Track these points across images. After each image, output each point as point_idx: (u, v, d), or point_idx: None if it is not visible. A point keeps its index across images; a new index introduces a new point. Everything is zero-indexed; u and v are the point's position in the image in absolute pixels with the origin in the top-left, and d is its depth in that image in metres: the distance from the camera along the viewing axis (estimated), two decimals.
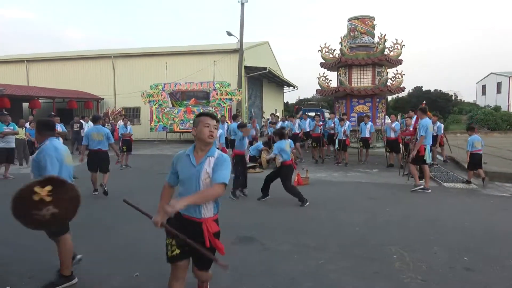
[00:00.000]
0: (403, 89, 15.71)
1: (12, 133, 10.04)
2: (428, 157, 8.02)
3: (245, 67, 21.44)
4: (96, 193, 7.98)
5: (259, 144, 11.54)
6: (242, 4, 20.26)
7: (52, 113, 10.30)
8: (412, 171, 8.30)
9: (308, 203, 6.78)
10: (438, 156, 12.13)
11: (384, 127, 12.85)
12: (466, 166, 9.19)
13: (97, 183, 7.98)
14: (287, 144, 7.13)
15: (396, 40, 15.18)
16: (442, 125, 11.69)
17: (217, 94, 18.99)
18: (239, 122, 9.60)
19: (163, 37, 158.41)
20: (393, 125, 11.16)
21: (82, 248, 4.69)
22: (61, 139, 9.81)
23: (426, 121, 8.00)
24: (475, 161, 8.67)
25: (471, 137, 8.83)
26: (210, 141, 2.77)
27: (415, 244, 4.78)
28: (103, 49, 27.44)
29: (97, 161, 7.84)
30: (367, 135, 11.85)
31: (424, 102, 11.32)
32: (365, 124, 11.90)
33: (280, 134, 7.30)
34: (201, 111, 18.87)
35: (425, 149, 7.91)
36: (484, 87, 47.95)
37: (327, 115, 20.12)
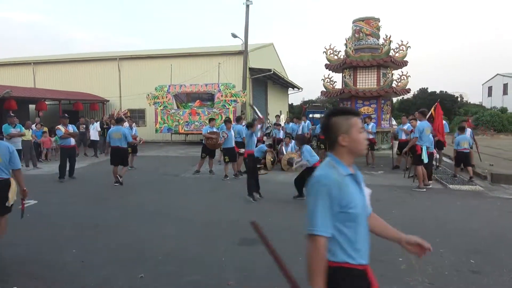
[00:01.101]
0: (408, 91, 15.64)
1: (18, 134, 10.11)
2: (424, 157, 8.16)
3: (250, 68, 21.46)
4: (117, 184, 8.92)
5: (263, 146, 11.53)
6: (247, 6, 20.30)
7: (66, 115, 10.35)
8: (418, 172, 8.34)
9: None
10: (446, 159, 12.05)
11: (396, 129, 12.78)
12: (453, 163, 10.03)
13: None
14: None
15: (402, 41, 15.13)
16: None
17: (222, 95, 19.01)
18: (244, 123, 9.68)
19: (168, 40, 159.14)
20: (405, 127, 11.07)
21: (86, 247, 4.73)
22: (73, 140, 9.98)
23: (423, 123, 8.38)
24: (461, 158, 9.46)
25: (459, 136, 9.50)
26: (365, 153, 2.01)
27: None
28: (109, 52, 27.60)
29: (117, 156, 9.04)
30: (370, 136, 11.72)
31: (438, 100, 11.09)
32: (367, 125, 11.80)
33: (303, 139, 7.63)
34: (206, 112, 18.28)
35: (421, 148, 8.24)
36: (490, 88, 47.64)
37: None
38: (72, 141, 9.89)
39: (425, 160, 8.28)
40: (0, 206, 4.40)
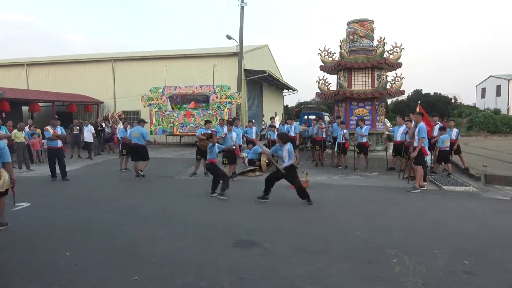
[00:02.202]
0: (402, 92, 15.69)
1: (4, 136, 10.02)
2: (428, 158, 8.30)
3: (245, 70, 21.46)
4: (138, 177, 10.07)
5: (257, 147, 11.52)
6: (242, 8, 20.32)
7: (56, 116, 10.42)
8: (419, 172, 8.40)
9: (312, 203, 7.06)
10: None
11: (391, 129, 12.77)
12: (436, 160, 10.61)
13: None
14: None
15: (396, 43, 15.19)
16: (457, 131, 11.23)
17: (216, 97, 18.98)
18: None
19: (163, 41, 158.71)
20: (401, 128, 11.09)
21: (80, 250, 4.69)
22: (60, 142, 10.02)
23: (423, 125, 8.51)
24: (443, 156, 10.19)
25: (442, 136, 10.20)
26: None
27: (415, 247, 4.76)
28: (103, 53, 27.47)
29: (136, 152, 10.43)
30: (364, 140, 11.46)
31: (419, 102, 11.27)
32: (360, 128, 11.56)
33: (285, 136, 7.61)
34: (201, 114, 18.53)
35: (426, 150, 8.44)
36: (483, 90, 48.07)
37: (326, 118, 20.10)
38: (59, 143, 10.03)
39: (428, 162, 8.42)
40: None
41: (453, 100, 49.03)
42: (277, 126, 14.93)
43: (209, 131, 10.69)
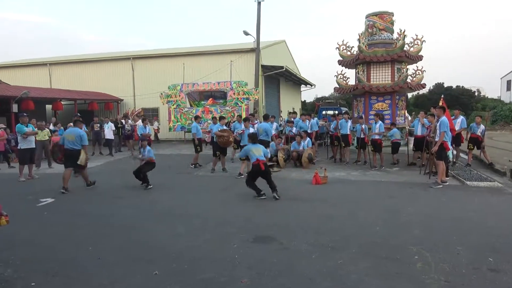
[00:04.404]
0: (423, 86, 15.35)
1: (32, 133, 10.30)
2: (450, 153, 8.08)
3: (262, 66, 21.41)
4: (192, 167, 11.34)
5: (273, 144, 11.48)
6: (259, 3, 20.22)
7: (78, 114, 10.71)
8: (440, 167, 8.22)
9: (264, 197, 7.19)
10: (463, 155, 11.81)
11: (411, 124, 12.48)
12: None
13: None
14: (256, 148, 7.65)
15: (416, 35, 14.87)
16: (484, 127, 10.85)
17: (234, 93, 19.02)
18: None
19: (180, 38, 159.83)
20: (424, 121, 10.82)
21: (102, 245, 4.79)
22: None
23: (445, 119, 8.27)
24: (395, 147, 11.43)
25: (392, 130, 11.40)
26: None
27: (437, 244, 4.66)
28: (122, 51, 27.89)
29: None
30: (376, 137, 10.96)
31: (443, 96, 10.94)
32: (375, 123, 11.09)
33: (253, 137, 8.07)
34: (218, 110, 18.81)
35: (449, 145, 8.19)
36: (509, 82, 46.41)
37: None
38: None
39: (450, 157, 8.23)
40: (76, 164, 8.44)
41: (476, 93, 47.60)
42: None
43: (225, 127, 10.79)
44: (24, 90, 16.46)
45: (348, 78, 15.85)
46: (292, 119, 13.94)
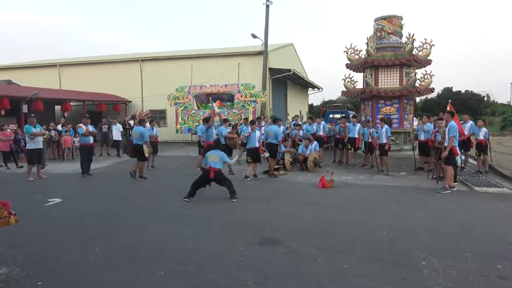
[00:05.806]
0: (432, 90, 15.25)
1: (40, 134, 10.42)
2: (459, 158, 8.01)
3: (270, 69, 21.44)
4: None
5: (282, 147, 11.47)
6: (267, 7, 20.29)
7: (87, 115, 10.95)
8: (448, 172, 8.15)
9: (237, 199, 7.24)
10: (472, 160, 11.69)
11: (416, 128, 12.41)
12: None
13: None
14: (213, 154, 7.65)
15: (425, 39, 14.77)
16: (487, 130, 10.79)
17: (241, 96, 19.06)
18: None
19: (188, 41, 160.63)
20: (425, 127, 10.78)
21: (109, 245, 4.82)
22: (91, 139, 10.60)
23: (455, 124, 8.20)
24: (369, 147, 11.36)
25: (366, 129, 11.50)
26: None
27: (445, 250, 4.61)
28: (131, 53, 28.14)
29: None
30: (384, 140, 10.72)
31: (450, 101, 10.83)
32: (381, 128, 10.87)
33: (217, 144, 8.26)
34: (226, 113, 18.87)
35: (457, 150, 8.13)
36: None
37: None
38: (91, 140, 10.61)
39: (459, 162, 8.16)
40: (140, 156, 9.71)
41: (485, 98, 47.15)
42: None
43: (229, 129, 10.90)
44: (34, 91, 16.66)
45: (356, 81, 15.80)
46: (299, 123, 13.92)
